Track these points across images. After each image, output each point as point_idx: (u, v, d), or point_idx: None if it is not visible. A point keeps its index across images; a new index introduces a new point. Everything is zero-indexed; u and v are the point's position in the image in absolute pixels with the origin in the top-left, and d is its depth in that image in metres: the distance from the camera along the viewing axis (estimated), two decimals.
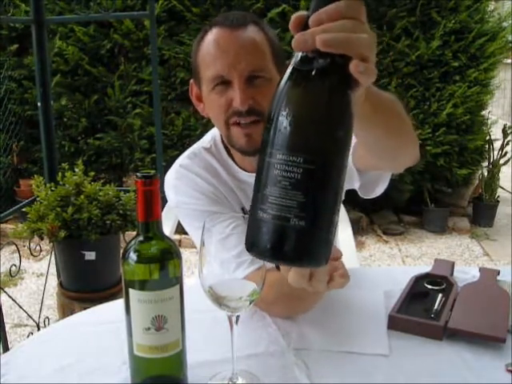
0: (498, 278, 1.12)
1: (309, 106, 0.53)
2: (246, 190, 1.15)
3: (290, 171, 0.52)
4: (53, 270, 2.68)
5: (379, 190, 1.11)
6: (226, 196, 1.14)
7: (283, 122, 0.53)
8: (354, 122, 0.55)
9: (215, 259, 0.79)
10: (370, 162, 0.98)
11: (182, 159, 1.17)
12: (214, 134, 1.20)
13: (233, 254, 0.93)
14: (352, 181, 1.07)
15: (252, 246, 0.57)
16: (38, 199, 2.37)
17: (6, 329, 2.22)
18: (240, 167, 1.15)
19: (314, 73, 0.53)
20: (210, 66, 1.01)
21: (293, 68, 0.55)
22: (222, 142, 1.17)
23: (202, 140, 1.21)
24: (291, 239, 0.53)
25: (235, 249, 0.94)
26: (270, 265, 0.99)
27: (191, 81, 1.13)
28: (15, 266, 2.30)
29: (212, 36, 1.02)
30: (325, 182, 0.53)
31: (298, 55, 0.55)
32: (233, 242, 0.95)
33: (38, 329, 2.47)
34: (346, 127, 0.54)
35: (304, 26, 0.54)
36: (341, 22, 0.52)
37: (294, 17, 0.55)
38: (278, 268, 0.95)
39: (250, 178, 1.14)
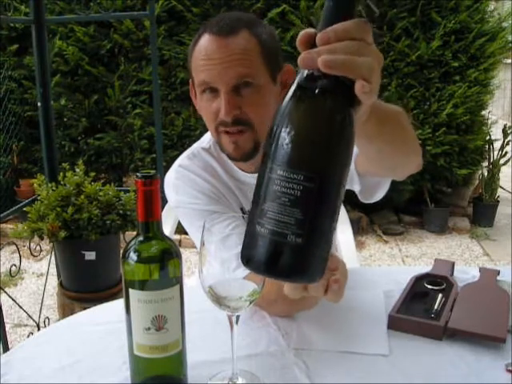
0: (498, 277, 1.12)
1: (311, 124, 0.54)
2: (245, 191, 1.16)
3: (290, 188, 0.52)
4: (53, 270, 2.68)
5: (379, 195, 1.11)
6: (226, 196, 1.14)
7: (285, 138, 0.53)
8: (356, 136, 0.55)
9: (216, 258, 0.79)
10: (371, 170, 0.98)
11: (182, 160, 1.17)
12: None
13: (233, 252, 0.93)
14: (352, 183, 1.07)
15: (247, 259, 0.57)
16: (38, 198, 2.37)
17: (6, 329, 2.22)
18: (239, 168, 1.15)
19: (317, 91, 0.53)
20: (199, 73, 1.02)
21: (297, 85, 0.55)
22: None
23: (200, 140, 1.21)
24: (287, 255, 0.53)
25: (236, 248, 0.93)
26: None
27: (190, 80, 1.13)
28: (15, 265, 2.30)
29: (203, 42, 1.02)
30: (323, 200, 0.53)
31: (304, 72, 0.55)
32: (233, 241, 0.94)
33: (38, 329, 2.47)
34: (347, 146, 0.54)
35: (312, 43, 0.54)
36: (346, 43, 0.52)
37: (301, 34, 0.55)
38: None
39: (249, 178, 1.14)
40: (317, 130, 0.53)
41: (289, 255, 0.53)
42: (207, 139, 1.19)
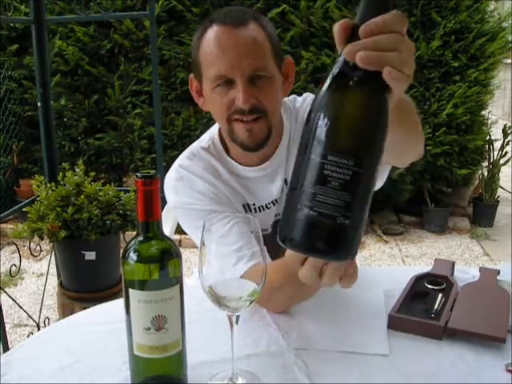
0: (498, 277, 1.12)
1: (359, 112, 0.57)
2: (248, 185, 1.16)
3: (341, 173, 0.55)
4: (53, 270, 2.68)
5: (378, 184, 1.10)
6: (228, 195, 1.14)
7: (333, 125, 0.56)
8: None
9: (215, 254, 0.79)
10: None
11: (182, 160, 1.17)
12: (211, 133, 1.20)
13: (233, 248, 0.95)
14: None
15: (287, 238, 0.58)
16: (38, 199, 2.37)
17: (6, 329, 2.22)
18: (240, 163, 1.16)
19: (362, 80, 0.56)
20: (212, 66, 1.02)
21: (341, 74, 0.57)
22: (221, 141, 1.17)
23: (200, 140, 1.21)
24: (334, 235, 0.56)
25: (235, 244, 0.96)
26: (270, 260, 0.99)
27: (191, 76, 1.14)
28: (15, 265, 2.30)
29: (213, 34, 1.02)
30: (369, 184, 0.57)
31: (346, 62, 0.57)
32: (233, 238, 0.98)
33: (38, 329, 2.47)
34: (386, 132, 0.58)
35: (351, 34, 0.57)
36: (385, 37, 0.56)
37: (340, 23, 0.59)
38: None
39: (250, 172, 1.15)
40: (365, 118, 0.56)
41: (335, 235, 0.56)
42: (206, 139, 1.19)
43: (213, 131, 1.20)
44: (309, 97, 1.23)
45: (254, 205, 1.16)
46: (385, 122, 0.57)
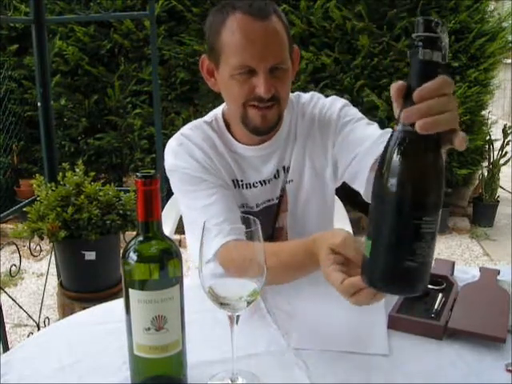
0: (498, 277, 1.12)
1: (439, 170, 0.66)
2: (240, 162, 1.24)
3: (432, 227, 0.66)
4: (53, 270, 2.68)
5: None
6: (220, 167, 1.22)
7: (421, 190, 0.66)
8: None
9: (197, 224, 0.80)
10: None
11: (184, 129, 1.27)
12: (215, 112, 1.29)
13: (216, 221, 1.09)
14: (362, 184, 1.14)
15: (378, 284, 0.70)
16: (38, 199, 2.37)
17: (6, 329, 2.22)
18: (239, 140, 1.24)
19: (428, 142, 0.65)
20: (236, 55, 1.07)
21: (409, 138, 0.65)
22: (223, 118, 1.26)
23: (205, 117, 1.30)
24: (424, 277, 0.69)
25: (217, 217, 1.10)
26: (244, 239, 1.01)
27: (203, 56, 1.18)
28: (15, 265, 2.30)
29: (238, 22, 1.06)
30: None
31: (406, 127, 0.65)
32: (216, 209, 1.12)
33: (38, 329, 2.47)
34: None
35: (405, 95, 0.66)
36: (437, 101, 0.64)
37: (396, 86, 0.67)
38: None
39: (247, 150, 1.24)
40: (441, 175, 0.66)
41: (424, 276, 0.69)
42: (210, 115, 1.28)
43: (216, 111, 1.28)
44: (315, 96, 1.30)
45: (242, 181, 1.25)
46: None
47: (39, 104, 2.44)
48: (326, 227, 1.35)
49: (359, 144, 1.15)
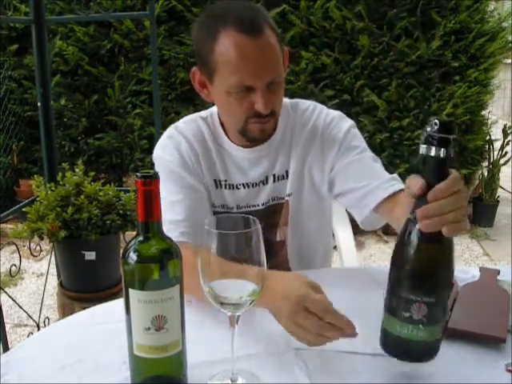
0: (498, 277, 1.12)
1: (450, 262, 0.75)
2: (226, 162, 1.25)
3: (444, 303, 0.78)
4: (53, 270, 2.68)
5: (379, 226, 1.24)
6: (204, 165, 1.23)
7: (437, 275, 0.75)
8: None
9: (163, 214, 0.76)
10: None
11: (179, 122, 1.30)
12: (212, 109, 1.29)
13: (178, 218, 1.11)
14: (359, 214, 1.19)
15: (402, 355, 0.80)
16: (38, 199, 2.37)
17: (6, 329, 2.22)
18: (231, 139, 1.24)
19: (441, 239, 0.73)
20: (234, 74, 1.06)
21: (421, 236, 0.73)
22: (219, 116, 1.26)
23: (202, 111, 1.32)
24: (436, 347, 0.80)
25: (180, 215, 1.12)
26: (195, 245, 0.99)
27: (194, 68, 1.17)
28: (15, 265, 2.30)
29: (230, 41, 1.04)
30: None
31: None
32: (180, 208, 1.14)
33: (38, 329, 2.47)
34: None
35: (424, 191, 0.72)
36: (447, 201, 0.71)
37: (418, 185, 0.72)
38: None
39: (237, 151, 1.24)
40: (452, 263, 0.76)
41: (436, 348, 0.80)
42: (208, 111, 1.29)
43: (214, 108, 1.28)
44: (318, 107, 1.28)
45: (225, 181, 1.25)
46: None
47: (39, 104, 2.43)
48: (325, 240, 1.38)
49: (366, 178, 1.17)
